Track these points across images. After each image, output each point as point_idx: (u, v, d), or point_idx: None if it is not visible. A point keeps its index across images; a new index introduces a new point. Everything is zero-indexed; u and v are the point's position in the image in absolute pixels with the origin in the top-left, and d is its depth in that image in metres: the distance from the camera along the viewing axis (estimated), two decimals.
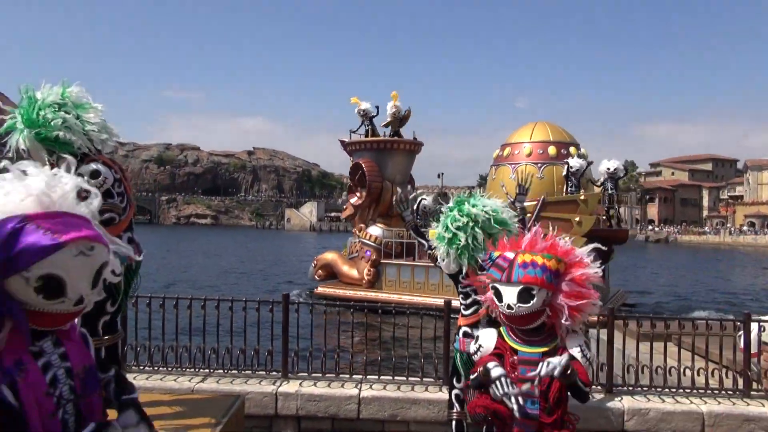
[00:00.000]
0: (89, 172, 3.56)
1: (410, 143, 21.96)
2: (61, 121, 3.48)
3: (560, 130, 20.46)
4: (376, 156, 21.40)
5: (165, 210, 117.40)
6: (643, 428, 5.02)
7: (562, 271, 3.06)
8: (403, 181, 21.66)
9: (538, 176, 19.05)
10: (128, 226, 3.87)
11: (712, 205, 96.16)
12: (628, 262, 48.37)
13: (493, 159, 20.90)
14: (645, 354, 5.62)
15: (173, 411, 3.65)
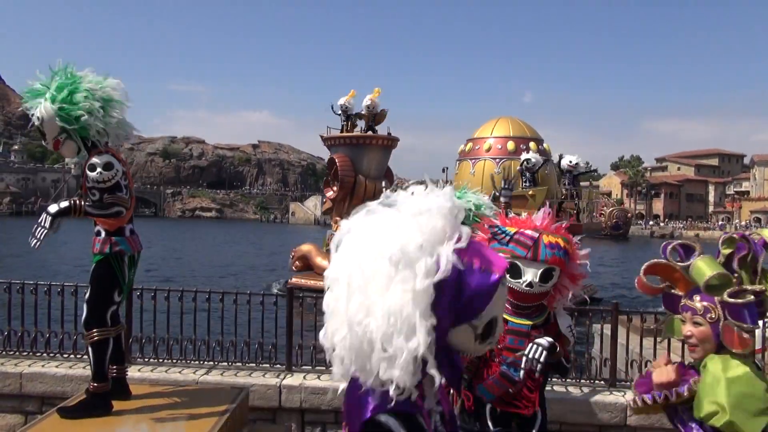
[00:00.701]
0: (103, 164, 3.60)
1: (385, 138, 22.29)
2: (89, 105, 3.56)
3: (522, 125, 20.69)
4: (351, 151, 21.79)
5: (170, 203, 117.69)
6: (646, 423, 5.02)
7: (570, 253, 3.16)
8: (379, 175, 22.04)
9: (496, 171, 19.38)
10: (130, 217, 3.91)
11: (718, 201, 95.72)
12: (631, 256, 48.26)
13: (458, 154, 21.20)
14: (648, 349, 5.61)
15: (178, 403, 3.68)
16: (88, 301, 3.74)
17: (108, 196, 3.64)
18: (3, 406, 5.33)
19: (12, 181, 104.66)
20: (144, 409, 3.50)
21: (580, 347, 5.72)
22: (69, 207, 3.58)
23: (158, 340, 5.71)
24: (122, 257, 3.82)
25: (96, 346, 3.69)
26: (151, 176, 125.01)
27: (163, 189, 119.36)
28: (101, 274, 3.76)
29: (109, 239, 3.75)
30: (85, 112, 3.54)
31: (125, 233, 3.85)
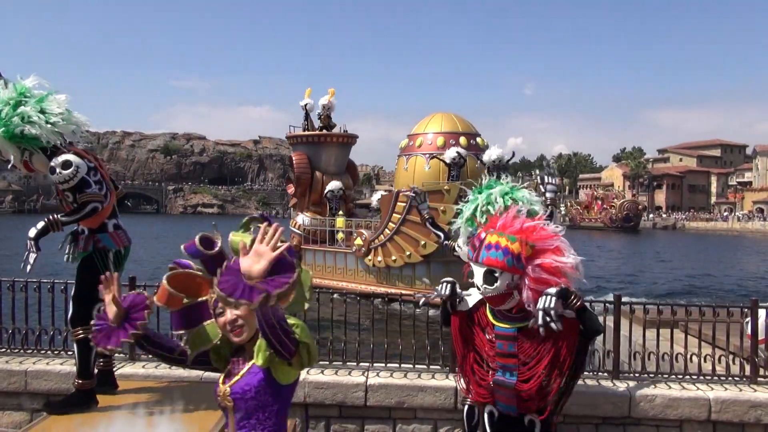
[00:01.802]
0: (60, 163, 3.54)
1: (342, 136, 23.28)
2: (21, 117, 3.43)
3: (455, 120, 21.21)
4: (310, 149, 22.86)
5: (172, 199, 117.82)
6: (650, 414, 5.03)
7: (527, 255, 3.02)
8: (338, 171, 23.03)
9: (426, 167, 20.13)
10: (112, 212, 3.87)
11: (721, 192, 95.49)
12: (634, 248, 48.23)
13: (400, 150, 21.80)
14: (651, 341, 5.62)
15: (182, 399, 3.69)
16: (73, 299, 3.76)
17: (79, 195, 3.60)
18: (8, 404, 5.35)
19: (14, 180, 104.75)
20: (148, 405, 3.52)
21: None
22: (46, 225, 3.54)
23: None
24: (106, 254, 3.80)
25: (82, 343, 3.71)
26: (153, 173, 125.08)
27: (164, 186, 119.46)
28: (86, 271, 3.76)
29: (93, 236, 3.74)
30: (22, 125, 3.43)
31: (108, 229, 3.83)
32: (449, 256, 19.82)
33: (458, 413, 5.10)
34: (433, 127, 21.03)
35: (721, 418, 4.99)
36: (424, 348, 5.62)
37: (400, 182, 21.02)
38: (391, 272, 19.17)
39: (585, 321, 3.02)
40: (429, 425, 5.20)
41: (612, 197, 76.34)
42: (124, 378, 4.99)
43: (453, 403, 5.10)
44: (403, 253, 18.43)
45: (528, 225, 3.12)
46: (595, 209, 76.65)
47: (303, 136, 23.15)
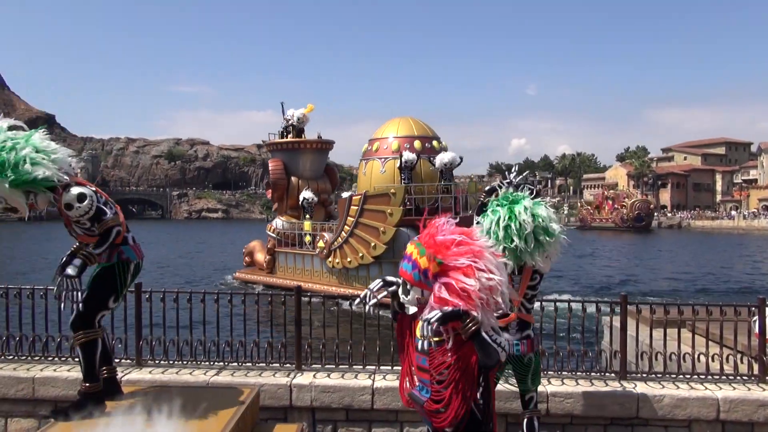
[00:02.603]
0: (76, 198, 3.54)
1: (317, 142, 24.40)
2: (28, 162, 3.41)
3: (412, 124, 21.64)
4: (286, 155, 24.04)
5: (176, 205, 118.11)
6: (658, 415, 5.01)
7: (434, 272, 2.83)
8: (314, 176, 24.07)
9: (381, 171, 20.68)
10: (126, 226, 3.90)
11: (726, 190, 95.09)
12: (639, 248, 48.07)
13: (362, 154, 22.21)
14: (658, 340, 5.60)
15: (189, 404, 3.69)
16: (83, 303, 3.76)
17: (99, 225, 3.63)
18: (17, 411, 5.38)
19: None
20: (155, 410, 3.52)
21: (589, 340, 5.72)
22: (84, 262, 3.57)
23: (168, 341, 5.73)
24: (128, 265, 3.85)
25: (84, 347, 3.75)
26: (157, 178, 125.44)
27: (169, 191, 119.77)
28: (103, 280, 3.80)
29: (117, 248, 3.77)
30: (36, 170, 3.43)
31: (129, 241, 3.89)
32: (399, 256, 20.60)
33: None
34: (390, 131, 21.49)
35: (730, 417, 4.97)
36: None
37: (361, 186, 21.65)
38: (350, 273, 19.90)
39: (477, 351, 2.81)
40: None
41: (623, 197, 75.28)
42: (131, 383, 5.01)
43: None
44: (356, 254, 19.08)
45: (447, 238, 2.89)
46: (606, 209, 75.77)
47: (279, 143, 24.29)
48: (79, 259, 3.57)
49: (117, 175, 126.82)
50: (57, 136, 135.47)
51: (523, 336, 4.12)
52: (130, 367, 5.59)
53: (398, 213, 18.13)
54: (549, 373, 5.43)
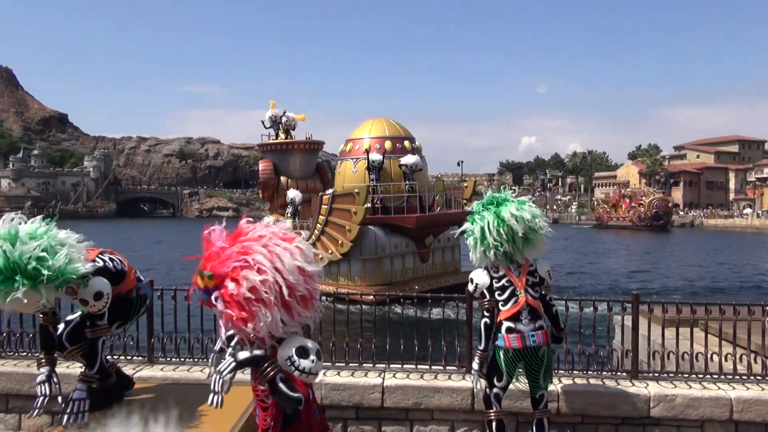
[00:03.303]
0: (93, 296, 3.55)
1: (307, 143, 25.22)
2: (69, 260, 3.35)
3: (384, 124, 22.44)
4: (277, 156, 24.93)
5: (187, 203, 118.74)
6: (670, 414, 4.97)
7: (209, 286, 2.71)
8: (304, 176, 24.85)
9: (353, 171, 21.71)
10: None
11: (739, 188, 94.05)
12: (654, 247, 47.69)
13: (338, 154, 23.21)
14: (671, 340, 5.55)
15: (200, 401, 3.71)
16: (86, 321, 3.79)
17: (89, 329, 3.68)
18: (30, 407, 5.40)
19: (33, 186, 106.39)
20: (165, 407, 3.54)
21: (601, 339, 5.67)
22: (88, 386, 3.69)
23: (179, 339, 5.77)
24: (145, 300, 4.02)
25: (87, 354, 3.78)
26: (168, 177, 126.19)
27: (180, 190, 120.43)
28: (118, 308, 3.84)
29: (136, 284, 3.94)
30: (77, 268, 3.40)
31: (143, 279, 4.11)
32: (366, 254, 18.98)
33: (476, 414, 5.08)
34: (364, 132, 22.19)
35: (744, 417, 4.92)
36: (441, 348, 5.61)
37: (337, 186, 22.53)
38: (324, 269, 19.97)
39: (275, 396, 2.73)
40: (446, 426, 5.18)
41: (640, 195, 73.23)
42: (142, 380, 5.04)
43: (470, 404, 5.08)
44: (327, 251, 19.65)
45: (217, 246, 2.74)
46: (623, 207, 74.15)
47: (270, 144, 25.19)
48: (82, 384, 3.69)
49: (129, 173, 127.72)
50: (70, 135, 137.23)
51: (537, 326, 4.11)
52: (142, 365, 5.63)
53: (362, 212, 18.93)
54: (560, 372, 5.41)
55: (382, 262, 19.90)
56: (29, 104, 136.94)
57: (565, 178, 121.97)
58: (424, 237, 21.00)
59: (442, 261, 22.26)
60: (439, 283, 20.27)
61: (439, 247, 22.12)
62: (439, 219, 21.11)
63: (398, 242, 20.42)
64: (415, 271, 21.09)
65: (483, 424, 5.05)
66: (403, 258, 20.73)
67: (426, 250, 21.38)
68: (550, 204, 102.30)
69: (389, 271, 20.13)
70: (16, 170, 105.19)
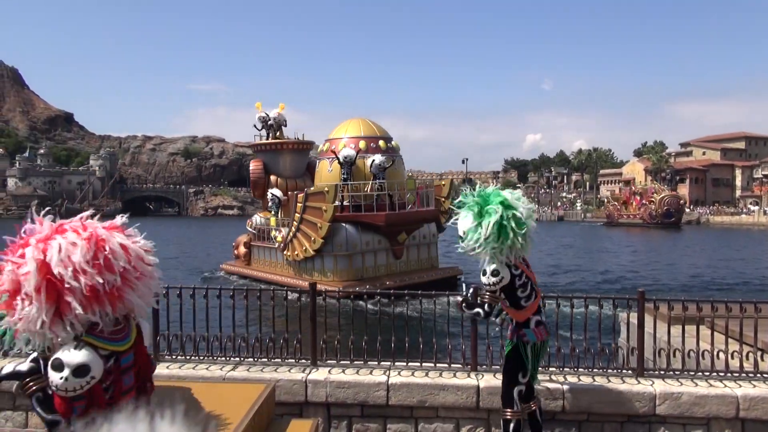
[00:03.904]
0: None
1: (297, 143, 26.42)
2: None
3: (360, 125, 23.11)
4: (267, 156, 26.08)
5: (193, 202, 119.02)
6: (676, 412, 4.95)
7: None
8: (294, 175, 25.73)
9: (328, 170, 22.30)
10: None
11: (746, 185, 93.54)
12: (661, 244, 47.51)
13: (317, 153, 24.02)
14: (677, 337, 5.53)
15: (206, 399, 3.72)
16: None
17: None
18: None
19: (39, 185, 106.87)
20: (170, 405, 3.55)
21: (606, 336, 5.66)
22: None
23: (185, 337, 5.79)
24: None
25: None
26: (174, 176, 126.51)
27: (185, 188, 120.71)
28: None
29: None
30: None
31: None
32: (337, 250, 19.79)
33: (480, 412, 5.08)
34: (341, 132, 22.96)
35: (750, 415, 4.90)
36: (445, 346, 5.61)
37: (316, 184, 23.21)
38: (299, 265, 21.72)
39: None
40: (451, 424, 5.18)
41: (651, 192, 71.98)
42: None
43: (475, 402, 5.08)
44: (302, 248, 20.83)
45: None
46: (634, 205, 73.09)
47: (262, 144, 26.37)
48: None
49: (134, 172, 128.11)
50: (76, 134, 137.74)
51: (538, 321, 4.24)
52: None
53: (331, 209, 19.70)
54: (565, 370, 5.40)
55: (353, 258, 20.50)
56: (35, 104, 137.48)
57: (570, 175, 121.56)
58: (396, 234, 21.51)
59: (418, 258, 22.77)
60: (413, 279, 20.71)
61: (414, 244, 22.59)
62: (409, 217, 21.69)
63: (370, 239, 20.92)
64: (388, 268, 21.53)
65: (488, 422, 5.06)
66: (375, 254, 21.28)
67: (399, 247, 21.93)
68: (555, 201, 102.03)
69: (360, 267, 20.70)
70: (22, 169, 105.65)
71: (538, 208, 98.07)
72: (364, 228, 20.78)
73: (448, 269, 23.29)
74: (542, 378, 5.22)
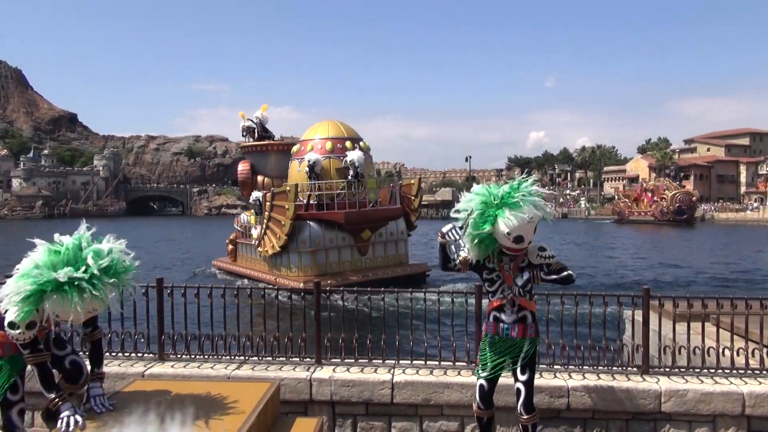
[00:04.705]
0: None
1: (282, 144, 27.40)
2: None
3: (328, 126, 24.22)
4: (254, 157, 27.23)
5: (197, 201, 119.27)
6: (681, 410, 4.94)
7: None
8: (280, 175, 26.01)
9: (297, 170, 23.40)
10: None
11: (750, 181, 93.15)
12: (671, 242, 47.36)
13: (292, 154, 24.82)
14: (682, 334, 5.51)
15: (210, 397, 3.73)
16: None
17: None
18: (41, 404, 5.46)
19: (43, 185, 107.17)
20: (176, 404, 3.56)
21: (611, 334, 5.65)
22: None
23: (190, 336, 5.80)
24: None
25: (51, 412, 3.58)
26: (177, 175, 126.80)
27: (189, 188, 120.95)
28: None
29: None
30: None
31: None
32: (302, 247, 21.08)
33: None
34: (313, 134, 24.21)
35: (756, 412, 4.88)
36: (450, 344, 5.61)
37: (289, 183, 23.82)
38: (271, 260, 22.81)
39: None
40: (456, 422, 5.18)
41: (663, 188, 70.55)
42: (154, 377, 5.08)
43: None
44: (271, 244, 21.92)
45: None
46: (645, 202, 72.04)
47: (249, 146, 27.60)
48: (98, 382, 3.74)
49: (138, 172, 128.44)
50: (79, 134, 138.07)
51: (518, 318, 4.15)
52: (153, 362, 5.67)
53: (292, 207, 20.76)
54: (570, 368, 5.39)
55: (316, 255, 21.58)
56: (39, 104, 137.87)
57: (574, 172, 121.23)
58: (359, 231, 22.42)
59: (385, 254, 23.51)
60: (377, 275, 21.55)
61: (381, 241, 23.35)
62: (371, 215, 22.67)
63: (333, 236, 21.90)
64: (353, 264, 22.38)
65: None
66: (339, 251, 22.20)
67: (364, 244, 22.72)
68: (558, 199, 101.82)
69: (324, 263, 21.68)
70: (26, 170, 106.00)
71: None
72: (328, 225, 21.87)
73: (416, 265, 24.18)
74: (547, 375, 5.22)
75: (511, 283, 4.07)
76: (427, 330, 5.66)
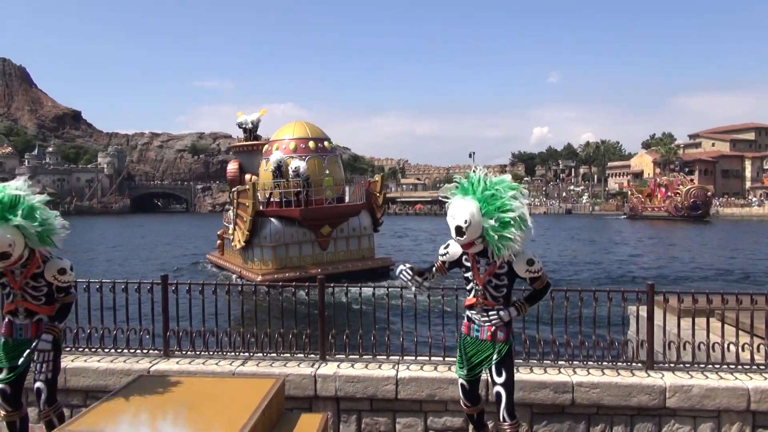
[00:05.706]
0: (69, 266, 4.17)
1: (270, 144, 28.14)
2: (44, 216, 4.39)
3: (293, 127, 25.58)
4: (244, 156, 28.42)
5: (201, 198, 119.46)
6: (686, 405, 4.93)
7: None
8: None
9: (264, 169, 24.78)
10: None
11: (756, 176, 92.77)
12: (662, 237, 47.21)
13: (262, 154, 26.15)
14: (686, 330, 5.50)
15: (215, 394, 3.74)
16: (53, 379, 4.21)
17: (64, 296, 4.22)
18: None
19: (48, 183, 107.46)
20: (182, 400, 3.58)
21: (616, 329, 5.64)
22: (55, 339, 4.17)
23: (194, 332, 5.82)
24: None
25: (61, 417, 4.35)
26: (181, 172, 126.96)
27: (193, 185, 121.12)
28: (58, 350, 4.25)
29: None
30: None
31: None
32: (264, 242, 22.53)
33: (490, 406, 5.07)
34: (283, 134, 25.59)
35: (761, 408, 4.87)
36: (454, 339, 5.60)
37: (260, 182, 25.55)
38: (241, 254, 24.24)
39: None
40: (460, 418, 5.18)
41: (677, 183, 69.72)
42: (159, 373, 5.10)
43: (485, 396, 5.07)
44: (238, 239, 23.35)
45: None
46: (659, 197, 71.32)
47: (239, 145, 29.18)
48: (50, 335, 4.07)
49: (142, 169, 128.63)
50: (84, 132, 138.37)
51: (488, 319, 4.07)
52: (158, 358, 5.69)
53: (251, 205, 22.18)
54: (575, 363, 5.39)
55: (276, 249, 22.94)
56: (43, 102, 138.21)
57: (578, 168, 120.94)
58: (318, 227, 23.67)
59: (347, 249, 24.74)
60: (337, 268, 22.81)
61: (343, 237, 24.54)
62: (328, 211, 23.86)
63: (294, 232, 23.23)
64: (314, 258, 23.67)
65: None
66: (300, 246, 23.53)
67: (325, 239, 23.95)
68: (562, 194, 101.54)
69: (284, 257, 23.09)
70: (31, 167, 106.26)
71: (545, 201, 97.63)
72: (288, 222, 23.11)
73: (380, 259, 25.26)
74: (551, 371, 5.22)
75: (482, 284, 3.92)
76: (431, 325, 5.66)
